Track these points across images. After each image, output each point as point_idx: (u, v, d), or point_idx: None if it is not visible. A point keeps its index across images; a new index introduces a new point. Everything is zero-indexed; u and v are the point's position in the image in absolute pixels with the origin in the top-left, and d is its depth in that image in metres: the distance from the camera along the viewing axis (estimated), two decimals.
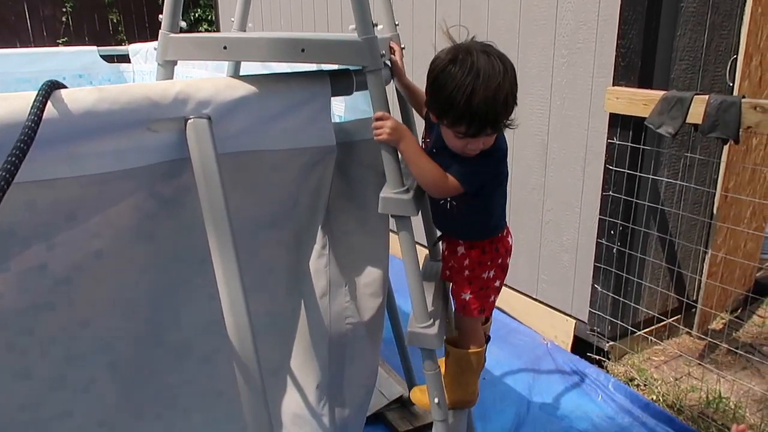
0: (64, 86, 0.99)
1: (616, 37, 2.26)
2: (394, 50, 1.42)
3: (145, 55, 3.38)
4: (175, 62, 1.30)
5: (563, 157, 2.58)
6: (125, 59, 3.54)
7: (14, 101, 0.95)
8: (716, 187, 2.54)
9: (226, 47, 1.17)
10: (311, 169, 1.29)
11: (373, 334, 1.52)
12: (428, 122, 1.38)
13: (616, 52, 2.27)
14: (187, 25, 1.37)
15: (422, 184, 1.29)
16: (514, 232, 1.52)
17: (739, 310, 2.89)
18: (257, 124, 1.18)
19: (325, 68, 1.32)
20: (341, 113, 1.83)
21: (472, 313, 1.44)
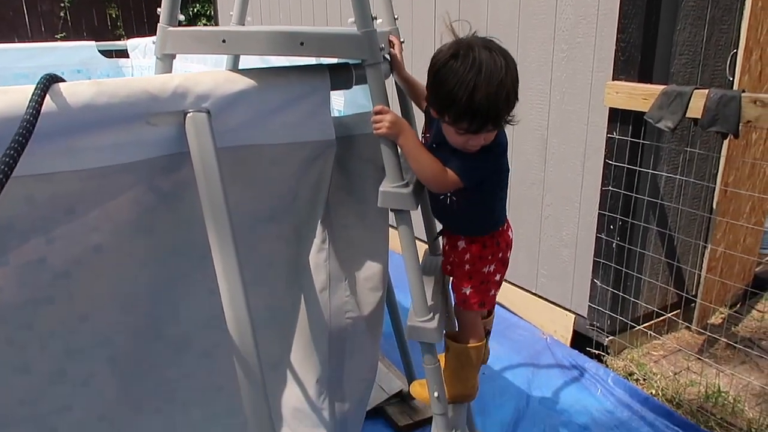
0: (62, 80, 0.99)
1: (615, 31, 2.25)
2: (393, 44, 1.42)
3: (143, 50, 3.37)
4: (173, 56, 1.29)
5: (563, 151, 2.58)
6: (124, 54, 3.53)
7: (13, 95, 0.94)
8: (716, 181, 2.54)
9: (224, 41, 1.17)
10: (311, 163, 1.29)
11: (373, 328, 1.52)
12: (428, 117, 1.37)
13: (615, 46, 2.27)
14: (185, 20, 1.36)
15: (421, 178, 1.28)
16: (513, 227, 1.52)
17: (738, 304, 2.89)
18: (256, 118, 1.18)
19: (324, 62, 1.32)
20: (340, 108, 1.83)
21: (472, 307, 1.44)
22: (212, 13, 6.72)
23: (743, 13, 2.37)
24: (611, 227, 2.42)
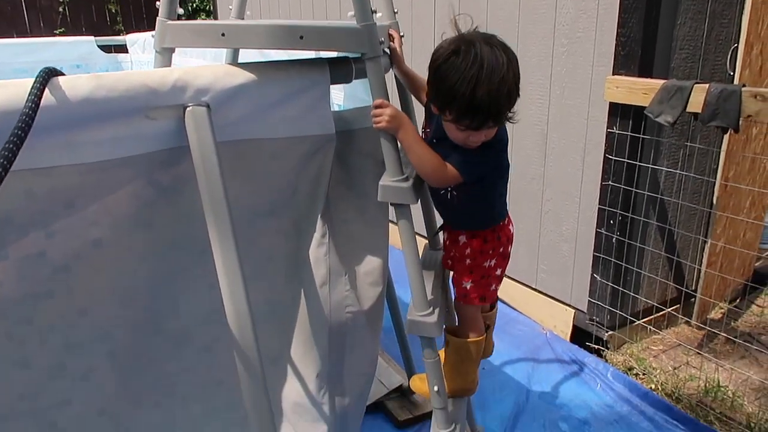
0: (61, 73, 0.99)
1: (616, 25, 2.25)
2: (393, 38, 1.41)
3: (142, 45, 3.36)
4: (172, 49, 1.29)
5: (563, 146, 2.58)
6: (123, 49, 3.52)
7: (12, 88, 0.94)
8: (716, 176, 2.54)
9: (224, 34, 1.16)
10: (311, 157, 1.29)
11: (373, 322, 1.52)
12: (429, 112, 1.37)
13: (616, 40, 2.26)
14: (185, 15, 1.35)
15: (421, 172, 1.28)
16: (513, 222, 1.52)
17: (737, 299, 2.89)
18: (256, 111, 1.17)
19: (323, 56, 1.31)
20: (340, 102, 1.82)
21: (472, 301, 1.44)
22: (211, 8, 6.71)
23: (744, 7, 2.37)
24: (611, 222, 2.42)
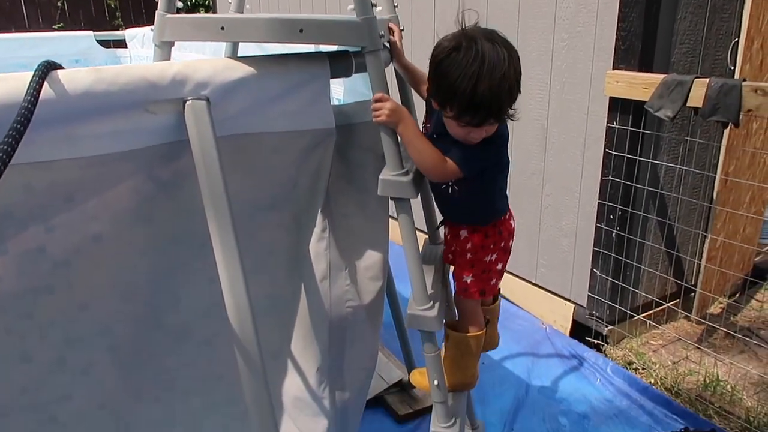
0: (60, 67, 0.98)
1: (616, 20, 2.24)
2: (393, 31, 1.41)
3: (142, 39, 3.35)
4: (172, 43, 1.28)
5: (563, 141, 2.57)
6: (122, 44, 3.51)
7: (11, 82, 0.94)
8: (716, 171, 2.54)
9: (223, 27, 1.16)
10: (311, 151, 1.28)
11: (373, 317, 1.52)
12: (429, 107, 1.36)
13: (616, 35, 2.26)
14: (184, 9, 1.35)
15: (420, 167, 1.28)
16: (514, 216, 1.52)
17: (737, 294, 2.90)
18: (256, 105, 1.17)
19: (323, 50, 1.31)
20: (340, 96, 1.82)
21: (473, 295, 1.44)
22: (210, 2, 6.68)
23: (744, 2, 2.36)
24: (611, 217, 2.42)
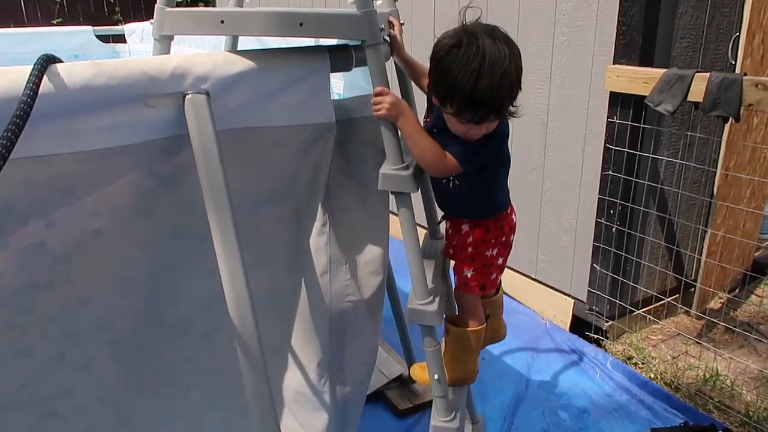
0: (60, 60, 0.98)
1: (617, 14, 2.24)
2: (393, 25, 1.40)
3: (141, 34, 3.34)
4: (171, 37, 1.27)
5: (563, 136, 2.57)
6: (121, 39, 3.49)
7: (10, 75, 0.93)
8: (716, 166, 2.54)
9: (223, 21, 1.15)
10: (311, 145, 1.28)
11: (373, 311, 1.52)
12: (430, 101, 1.36)
13: (616, 29, 2.25)
14: (183, 3, 1.34)
15: (420, 161, 1.27)
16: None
17: (737, 289, 2.90)
18: (256, 99, 1.17)
19: (323, 44, 1.30)
20: (340, 91, 1.81)
21: (473, 290, 1.44)
22: None
23: None
24: (611, 212, 2.42)
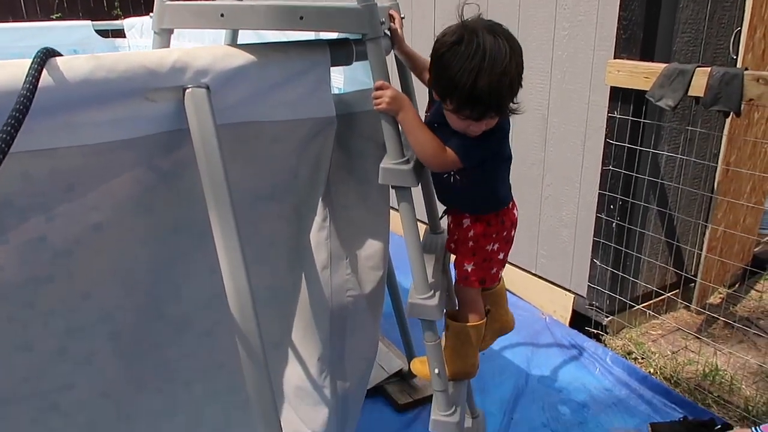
0: (59, 54, 0.97)
1: (617, 9, 2.23)
2: (393, 18, 1.40)
3: (140, 29, 3.33)
4: (171, 30, 1.27)
5: (563, 131, 2.57)
6: (120, 34, 3.48)
7: (9, 69, 0.93)
8: (717, 161, 2.53)
9: (223, 14, 1.15)
10: (311, 140, 1.28)
11: (373, 306, 1.52)
12: (431, 96, 1.36)
13: (617, 24, 2.24)
14: None
15: (420, 155, 1.27)
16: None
17: (737, 284, 2.90)
18: (256, 94, 1.16)
19: (323, 38, 1.30)
20: (340, 85, 1.81)
21: (473, 284, 1.44)
22: None
23: None
24: (611, 207, 2.42)
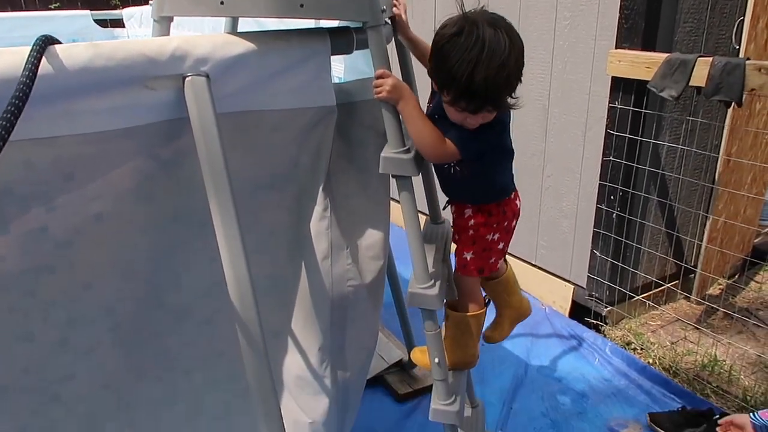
0: (58, 42, 0.97)
1: None
2: (396, 4, 1.38)
3: (139, 19, 3.32)
4: (171, 18, 1.26)
5: (564, 121, 2.56)
6: (119, 24, 3.47)
7: (8, 56, 0.92)
8: (718, 151, 2.53)
9: (223, 2, 1.14)
10: (312, 129, 1.27)
11: (374, 296, 1.52)
12: (433, 87, 1.35)
13: (619, 13, 2.23)
14: None
15: (418, 146, 1.26)
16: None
17: (736, 275, 2.91)
18: (256, 82, 1.16)
19: (324, 26, 1.29)
20: (340, 74, 1.80)
21: (471, 272, 1.44)
22: None
23: None
24: (612, 198, 2.41)
